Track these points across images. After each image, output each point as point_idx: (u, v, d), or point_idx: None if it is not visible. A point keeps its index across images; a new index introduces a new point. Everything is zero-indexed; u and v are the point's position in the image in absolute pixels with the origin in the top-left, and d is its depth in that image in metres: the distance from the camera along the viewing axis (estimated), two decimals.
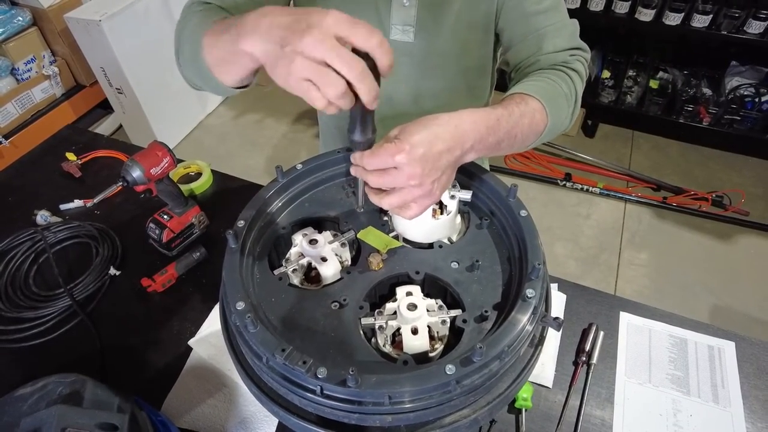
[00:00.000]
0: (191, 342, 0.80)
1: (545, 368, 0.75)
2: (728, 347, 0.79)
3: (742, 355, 0.78)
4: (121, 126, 2.52)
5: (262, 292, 0.55)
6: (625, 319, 0.82)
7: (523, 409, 0.70)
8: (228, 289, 0.50)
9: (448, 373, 0.42)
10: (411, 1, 0.78)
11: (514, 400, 0.70)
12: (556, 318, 0.50)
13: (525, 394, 0.70)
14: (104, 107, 2.50)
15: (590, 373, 0.75)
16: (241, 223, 0.56)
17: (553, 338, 0.79)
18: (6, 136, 2.09)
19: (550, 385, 0.74)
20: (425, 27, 0.81)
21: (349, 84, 0.43)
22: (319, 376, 0.42)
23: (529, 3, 0.77)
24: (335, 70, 0.42)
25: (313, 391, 0.43)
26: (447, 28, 0.80)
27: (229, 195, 1.07)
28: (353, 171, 0.55)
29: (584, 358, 0.76)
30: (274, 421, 0.71)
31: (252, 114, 2.75)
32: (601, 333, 0.79)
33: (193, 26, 0.63)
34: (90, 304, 0.86)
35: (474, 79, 0.92)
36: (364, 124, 0.50)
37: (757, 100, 2.25)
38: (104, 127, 2.54)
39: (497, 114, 0.59)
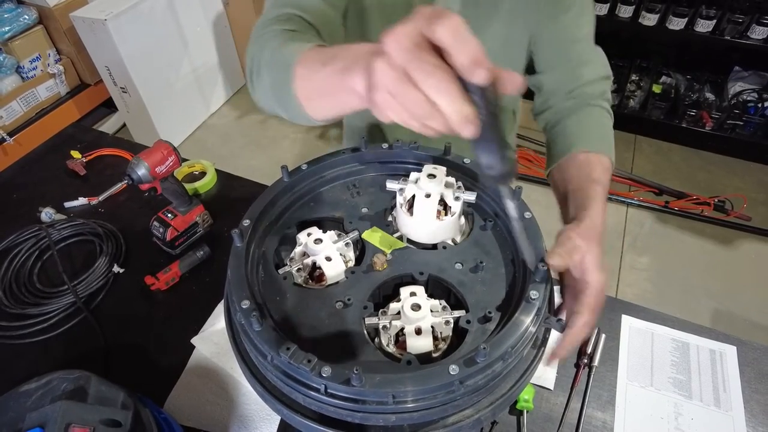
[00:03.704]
0: (194, 340, 0.80)
1: (547, 370, 0.76)
2: (730, 351, 0.79)
3: (744, 359, 0.78)
4: (124, 125, 2.53)
5: (267, 291, 0.55)
6: (627, 322, 0.83)
7: (525, 411, 0.70)
8: (233, 287, 0.50)
9: (452, 373, 0.42)
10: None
11: (516, 402, 0.70)
12: (559, 319, 0.50)
13: (526, 395, 0.70)
14: (108, 106, 2.51)
15: (591, 376, 0.75)
16: (246, 222, 0.57)
17: (554, 341, 0.79)
18: (11, 134, 2.10)
19: (552, 387, 0.74)
20: None
21: None
22: (324, 375, 0.42)
23: (571, 29, 0.77)
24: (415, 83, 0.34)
25: (317, 390, 0.43)
26: (485, 43, 0.78)
27: (233, 194, 1.08)
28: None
29: (586, 361, 0.76)
30: (275, 420, 0.71)
31: (255, 114, 2.76)
32: (603, 336, 0.79)
33: (276, 51, 0.56)
34: (93, 301, 0.86)
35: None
36: (488, 148, 0.37)
37: (759, 105, 2.26)
38: (108, 126, 2.55)
39: (605, 200, 0.65)
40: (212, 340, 0.80)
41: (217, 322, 0.82)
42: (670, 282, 1.93)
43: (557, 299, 0.61)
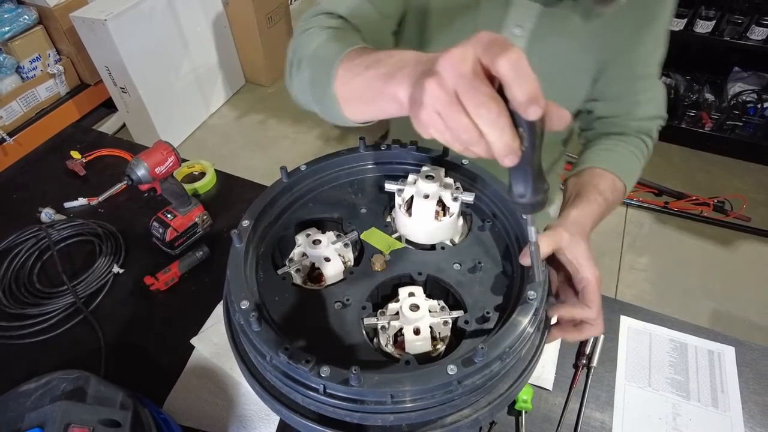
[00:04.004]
0: (193, 340, 0.80)
1: (545, 371, 0.76)
2: (728, 352, 0.79)
3: (742, 360, 0.78)
4: (124, 125, 2.53)
5: (266, 292, 0.55)
6: (626, 322, 0.83)
7: (524, 411, 0.70)
8: (232, 287, 0.50)
9: (450, 373, 0.42)
10: (523, 32, 0.72)
11: (515, 402, 0.70)
12: (556, 295, 0.52)
13: (525, 396, 0.70)
14: (108, 106, 2.52)
15: (590, 376, 0.75)
16: (245, 223, 0.57)
17: (555, 345, 0.79)
18: (11, 134, 2.10)
19: (551, 388, 0.74)
20: (530, 60, 0.73)
21: None
22: (322, 375, 0.42)
23: (640, 65, 0.75)
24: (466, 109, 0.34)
25: (316, 390, 0.44)
26: (553, 66, 0.74)
27: (232, 195, 1.08)
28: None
29: (584, 361, 0.77)
30: (274, 420, 0.71)
31: (255, 114, 2.76)
32: (602, 336, 0.79)
33: (319, 47, 0.56)
34: (93, 301, 0.86)
35: None
36: (523, 177, 0.38)
37: (759, 106, 2.26)
38: (107, 126, 2.55)
39: (600, 210, 0.67)
40: (211, 341, 0.80)
41: (216, 322, 0.82)
42: (669, 282, 1.93)
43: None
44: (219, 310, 0.85)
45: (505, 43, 0.33)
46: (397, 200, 0.59)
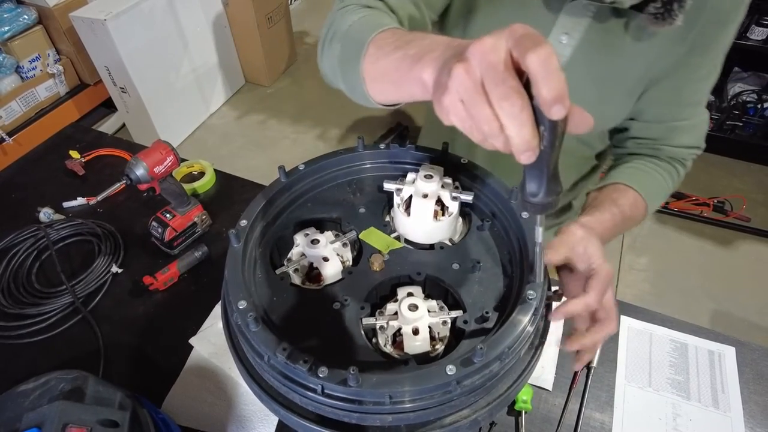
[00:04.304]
0: (192, 340, 0.80)
1: (545, 371, 0.76)
2: (728, 352, 0.79)
3: (742, 360, 0.78)
4: (124, 125, 2.53)
5: (264, 292, 0.55)
6: (626, 323, 0.82)
7: (523, 412, 0.70)
8: (230, 287, 0.50)
9: (449, 373, 0.42)
10: (570, 41, 0.70)
11: (514, 403, 0.70)
12: (557, 291, 0.51)
13: (525, 396, 0.70)
14: (108, 106, 2.51)
15: (590, 377, 0.75)
16: (243, 223, 0.56)
17: (553, 341, 0.79)
18: (10, 134, 2.10)
19: (550, 388, 0.74)
20: (573, 71, 0.70)
21: None
22: (320, 375, 0.42)
23: (688, 92, 0.73)
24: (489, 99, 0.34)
25: (314, 390, 0.43)
26: (596, 80, 0.73)
27: (232, 194, 1.08)
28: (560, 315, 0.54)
29: None
30: (273, 420, 0.71)
31: (255, 114, 2.76)
32: None
33: (353, 25, 0.55)
34: (92, 301, 0.86)
35: (594, 135, 0.85)
36: (538, 176, 0.37)
37: (759, 106, 2.26)
38: (107, 126, 2.55)
39: (615, 221, 0.67)
40: (210, 341, 0.80)
41: (215, 323, 0.82)
42: (669, 283, 1.93)
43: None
44: (218, 310, 0.84)
45: (538, 39, 0.32)
46: (396, 200, 0.59)
